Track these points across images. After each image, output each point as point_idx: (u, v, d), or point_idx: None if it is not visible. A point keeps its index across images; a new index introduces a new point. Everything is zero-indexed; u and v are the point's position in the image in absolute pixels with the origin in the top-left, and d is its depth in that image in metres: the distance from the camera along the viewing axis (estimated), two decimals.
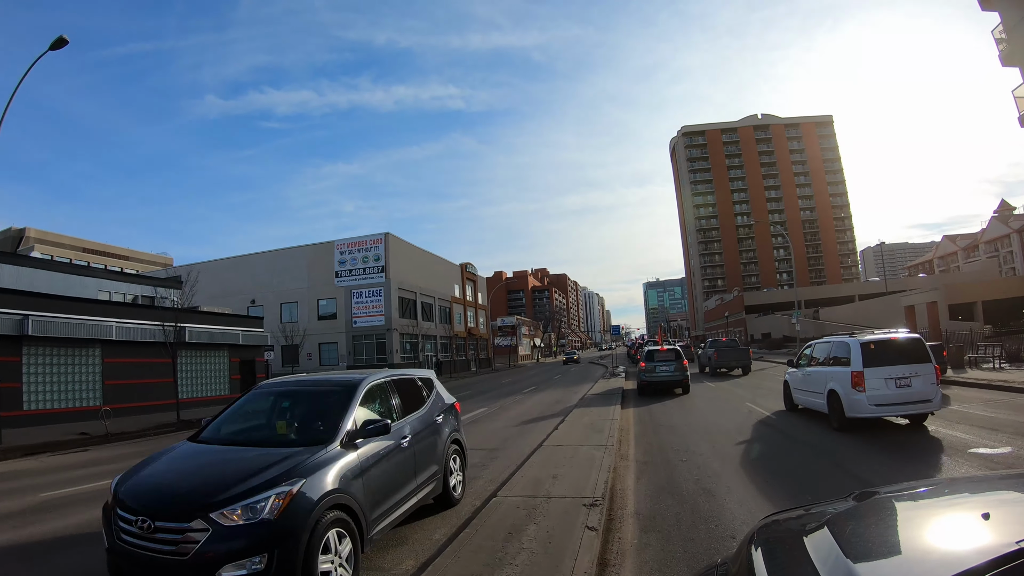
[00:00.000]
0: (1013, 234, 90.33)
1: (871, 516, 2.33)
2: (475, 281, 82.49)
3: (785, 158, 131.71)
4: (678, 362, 23.68)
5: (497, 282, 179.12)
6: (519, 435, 14.86)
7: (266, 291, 61.44)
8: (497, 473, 10.33)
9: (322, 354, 59.70)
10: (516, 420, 18.14)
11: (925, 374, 11.91)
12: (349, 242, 60.00)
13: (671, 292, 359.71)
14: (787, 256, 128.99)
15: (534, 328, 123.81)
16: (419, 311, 62.79)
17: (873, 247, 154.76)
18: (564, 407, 21.02)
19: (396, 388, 7.50)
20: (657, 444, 12.35)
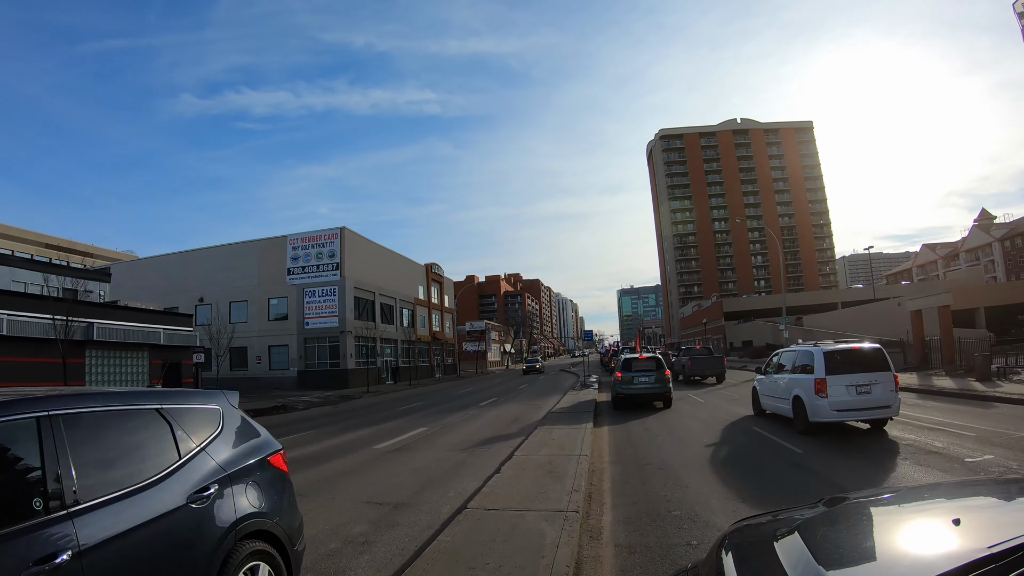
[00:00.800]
0: (995, 243, 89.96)
1: (842, 522, 2.33)
2: (441, 283, 77.96)
3: (764, 164, 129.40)
4: (659, 372, 20.56)
5: (469, 286, 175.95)
6: (448, 476, 10.56)
7: (215, 289, 56.59)
8: (379, 564, 6.05)
9: (272, 357, 55.06)
10: (455, 447, 13.87)
11: (884, 382, 12.59)
12: (303, 237, 55.37)
13: (645, 300, 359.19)
14: (765, 263, 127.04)
15: (505, 333, 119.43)
16: (378, 312, 58.23)
17: (848, 256, 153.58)
18: (522, 427, 16.95)
19: (74, 434, 3.34)
20: (647, 504, 7.97)
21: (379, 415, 24.34)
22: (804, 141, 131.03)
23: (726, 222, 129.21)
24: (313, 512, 8.08)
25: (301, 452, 14.28)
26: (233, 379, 54.01)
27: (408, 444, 14.75)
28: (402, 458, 12.56)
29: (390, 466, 11.68)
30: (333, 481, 10.51)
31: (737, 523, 2.59)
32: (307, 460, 12.93)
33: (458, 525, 6.70)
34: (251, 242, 58.39)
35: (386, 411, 26.21)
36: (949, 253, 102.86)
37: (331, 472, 11.39)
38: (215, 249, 59.54)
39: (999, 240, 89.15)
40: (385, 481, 10.18)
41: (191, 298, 56.37)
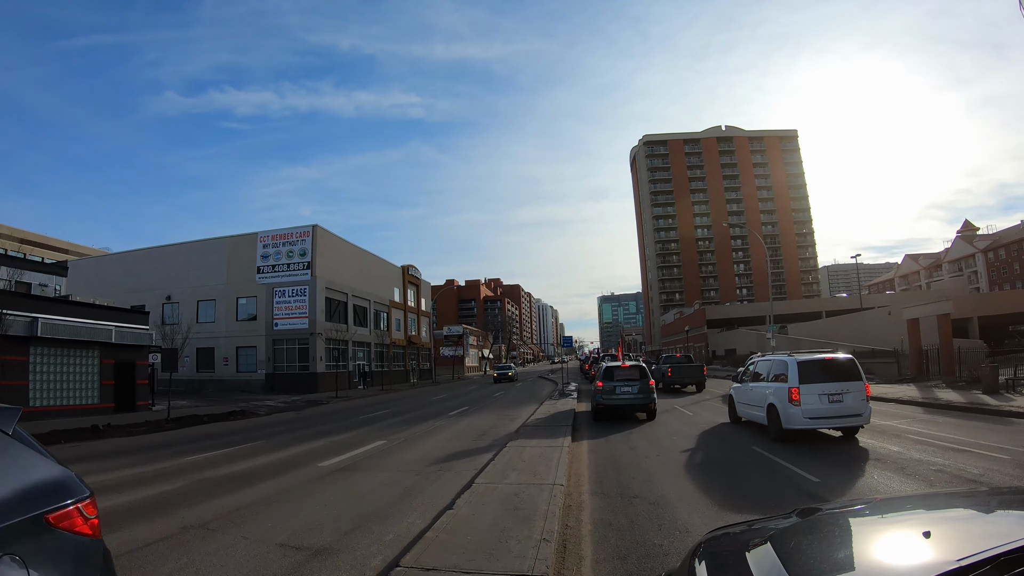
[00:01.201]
0: (978, 254, 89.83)
1: (813, 533, 2.33)
2: (418, 285, 75.75)
3: (748, 171, 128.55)
4: (643, 382, 19.10)
5: (448, 290, 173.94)
6: (391, 509, 8.63)
7: (183, 287, 54.40)
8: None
9: (240, 359, 52.71)
10: (410, 467, 11.93)
11: (856, 391, 12.89)
12: (274, 234, 53.11)
13: (625, 307, 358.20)
14: (747, 271, 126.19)
15: (483, 338, 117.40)
16: (350, 314, 56.04)
17: (828, 266, 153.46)
18: (492, 441, 15.11)
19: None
20: (639, 560, 6.03)
21: (340, 424, 22.42)
22: (789, 150, 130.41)
23: (709, 229, 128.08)
24: (208, 558, 6.37)
25: (234, 469, 12.41)
26: (200, 381, 51.83)
27: (358, 462, 12.82)
28: (345, 480, 10.63)
29: (327, 492, 9.74)
30: (253, 511, 8.58)
31: (711, 533, 2.58)
32: (235, 480, 11.03)
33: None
34: (220, 239, 56.06)
35: (349, 419, 24.29)
36: (932, 264, 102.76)
37: (256, 498, 9.45)
38: (184, 246, 57.20)
39: (983, 251, 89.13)
40: (314, 514, 8.24)
41: (158, 296, 54.28)
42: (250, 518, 8.17)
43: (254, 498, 9.43)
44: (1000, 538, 1.72)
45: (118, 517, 7.97)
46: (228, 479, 11.20)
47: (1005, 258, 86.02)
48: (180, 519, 8.12)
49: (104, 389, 31.59)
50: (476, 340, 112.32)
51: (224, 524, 7.82)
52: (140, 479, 11.43)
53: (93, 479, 8.71)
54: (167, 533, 7.38)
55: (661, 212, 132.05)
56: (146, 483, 10.94)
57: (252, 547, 6.76)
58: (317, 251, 51.18)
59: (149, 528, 7.62)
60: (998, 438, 12.59)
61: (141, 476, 11.83)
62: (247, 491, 9.96)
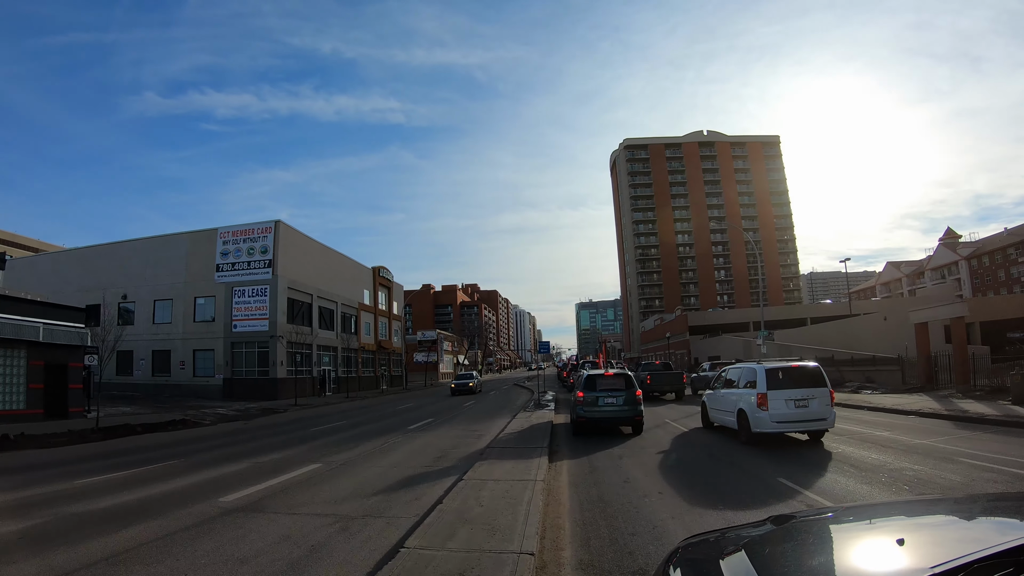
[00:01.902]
0: (962, 261, 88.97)
1: (788, 541, 2.33)
2: (390, 288, 72.54)
3: (730, 177, 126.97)
4: (628, 392, 17.09)
5: (424, 295, 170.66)
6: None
7: (140, 285, 51.06)
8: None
9: (197, 363, 49.34)
10: (331, 509, 9.00)
11: (821, 397, 13.43)
12: (234, 230, 49.87)
13: (603, 314, 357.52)
14: (728, 278, 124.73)
15: (458, 344, 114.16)
16: (315, 316, 52.83)
17: (805, 275, 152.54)
18: (450, 465, 12.38)
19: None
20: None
21: (282, 438, 19.53)
22: (771, 156, 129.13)
23: (690, 235, 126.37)
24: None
25: (117, 501, 9.77)
26: (155, 385, 48.42)
27: (272, 495, 9.90)
28: (235, 531, 7.68)
29: (198, 550, 6.82)
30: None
31: (685, 540, 2.57)
32: (103, 520, 8.39)
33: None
34: (179, 235, 52.86)
35: (297, 432, 21.37)
36: (914, 271, 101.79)
37: (98, 554, 6.62)
38: (142, 242, 53.86)
39: (966, 258, 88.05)
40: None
41: (114, 295, 50.62)
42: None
43: (96, 555, 6.58)
44: (974, 544, 1.72)
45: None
46: (98, 518, 8.61)
47: (989, 265, 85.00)
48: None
49: (32, 393, 28.51)
50: (451, 346, 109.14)
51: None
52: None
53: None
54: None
55: (641, 217, 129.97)
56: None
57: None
58: (279, 248, 48.01)
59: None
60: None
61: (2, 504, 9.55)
62: (97, 542, 7.18)
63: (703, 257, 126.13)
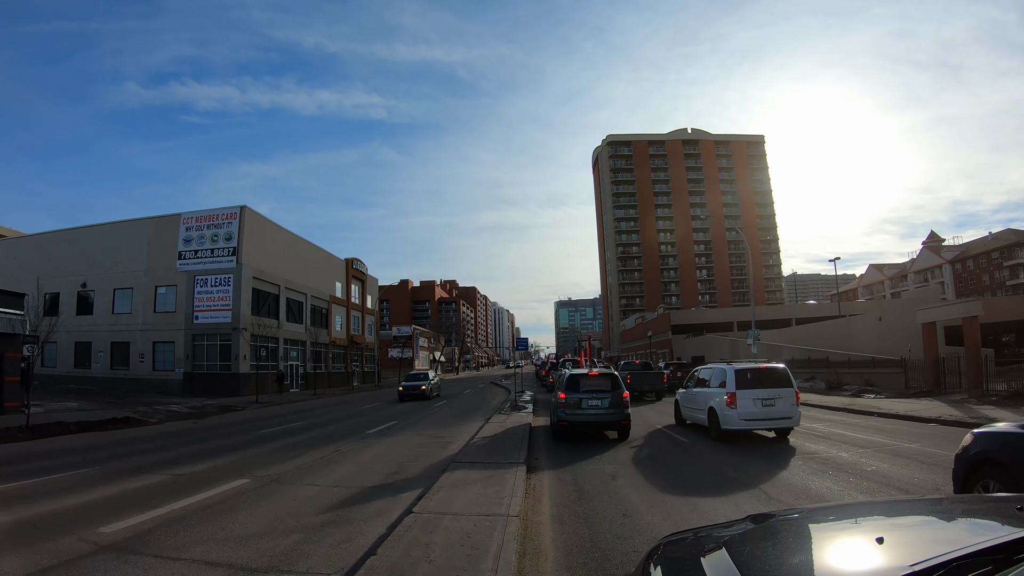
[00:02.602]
0: (945, 264, 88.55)
1: (768, 539, 2.33)
2: (364, 281, 69.80)
3: (714, 176, 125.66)
4: (614, 394, 15.68)
5: (402, 290, 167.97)
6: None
7: (100, 273, 48.12)
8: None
9: (157, 356, 46.41)
10: (229, 557, 6.66)
11: (787, 396, 14.28)
12: (198, 215, 46.99)
13: (583, 312, 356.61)
14: (710, 277, 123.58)
15: (435, 340, 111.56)
16: (283, 309, 50.12)
17: (785, 276, 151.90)
18: (403, 485, 10.11)
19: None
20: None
21: (223, 442, 17.24)
22: (755, 155, 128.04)
23: (672, 233, 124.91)
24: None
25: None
26: (114, 379, 45.55)
27: (164, 527, 7.59)
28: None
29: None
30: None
31: (666, 538, 2.57)
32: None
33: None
34: (141, 220, 49.81)
35: (242, 435, 19.04)
36: (897, 274, 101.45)
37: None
38: (103, 227, 50.77)
39: (950, 262, 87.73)
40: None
41: (73, 283, 48.66)
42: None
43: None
44: (952, 544, 1.73)
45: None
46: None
47: (973, 269, 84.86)
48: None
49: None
50: (427, 342, 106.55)
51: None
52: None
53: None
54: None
55: (623, 215, 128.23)
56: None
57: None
58: (245, 235, 45.26)
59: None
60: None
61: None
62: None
63: (685, 256, 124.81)
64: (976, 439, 6.47)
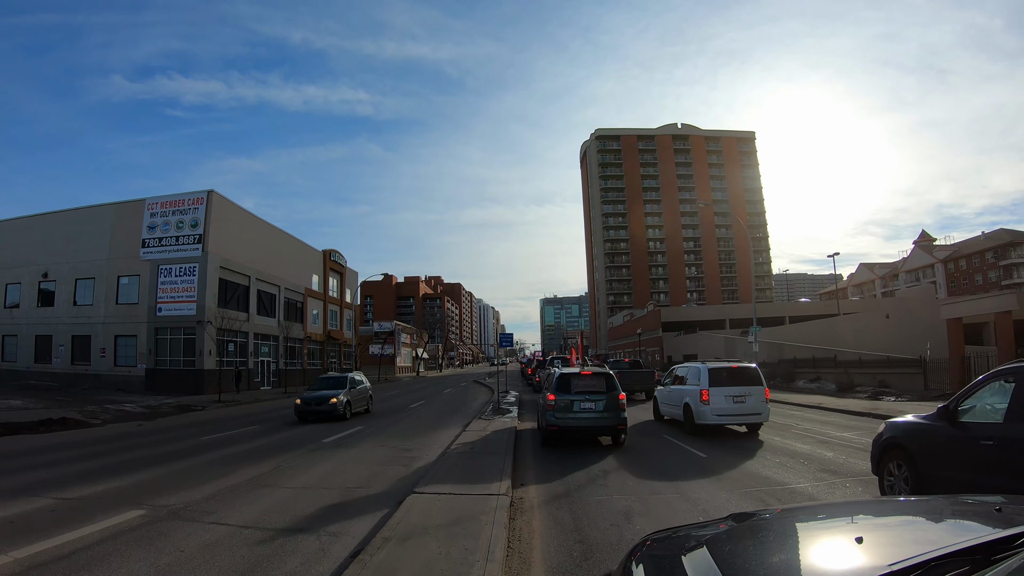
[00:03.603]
0: (938, 264, 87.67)
1: (749, 538, 2.31)
2: (342, 274, 66.83)
3: (703, 171, 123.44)
4: (610, 396, 14.34)
5: (385, 286, 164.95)
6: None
7: (61, 262, 45.19)
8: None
9: (118, 350, 43.45)
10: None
11: (757, 394, 15.15)
12: (163, 200, 44.01)
13: (568, 310, 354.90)
14: (699, 275, 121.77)
15: (418, 336, 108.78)
16: (253, 301, 47.23)
17: (777, 274, 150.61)
18: (350, 522, 7.58)
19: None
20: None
21: (156, 451, 14.88)
22: (745, 151, 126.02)
23: (661, 230, 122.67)
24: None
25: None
26: (75, 375, 42.53)
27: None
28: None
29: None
30: None
31: (648, 536, 2.57)
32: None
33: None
34: (104, 206, 46.92)
35: (179, 442, 16.55)
36: (888, 273, 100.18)
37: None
38: (65, 214, 47.60)
39: (942, 261, 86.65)
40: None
41: (34, 273, 45.93)
42: None
43: None
44: (930, 544, 1.74)
45: None
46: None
47: (966, 268, 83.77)
48: None
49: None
50: (410, 338, 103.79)
51: None
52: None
53: None
54: None
55: (611, 210, 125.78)
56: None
57: None
58: (211, 222, 42.35)
59: None
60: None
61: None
62: None
63: (674, 253, 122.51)
64: (887, 427, 7.98)
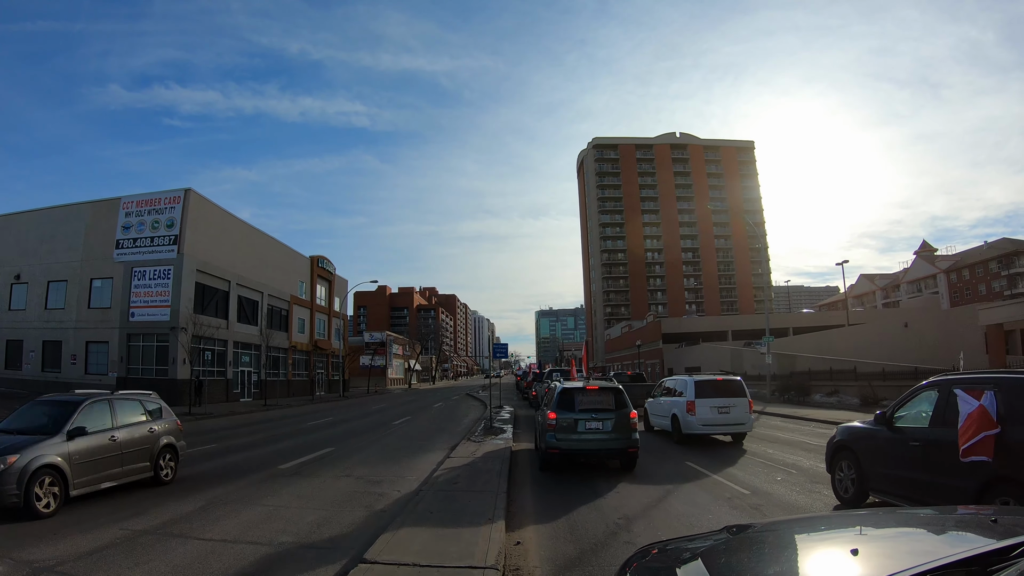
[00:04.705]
0: (940, 274, 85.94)
1: (744, 550, 2.30)
2: (331, 281, 64.16)
3: (702, 182, 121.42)
4: (620, 414, 12.49)
5: (380, 296, 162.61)
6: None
7: (34, 264, 42.84)
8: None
9: (90, 357, 41.05)
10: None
11: (741, 405, 15.93)
12: (139, 199, 41.61)
13: (564, 322, 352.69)
14: (698, 286, 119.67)
15: (411, 348, 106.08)
16: (233, 307, 44.63)
17: (777, 285, 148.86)
18: (301, 557, 4.89)
19: None
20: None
21: None
22: (745, 161, 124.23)
23: (659, 240, 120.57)
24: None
25: None
26: (44, 383, 39.67)
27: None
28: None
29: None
30: None
31: (643, 548, 2.57)
32: None
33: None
34: (79, 205, 44.58)
35: None
36: (889, 284, 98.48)
37: None
38: (40, 213, 45.17)
39: (944, 271, 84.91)
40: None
41: (6, 275, 43.57)
42: None
43: None
44: (925, 555, 1.73)
45: None
46: None
47: (969, 278, 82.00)
48: None
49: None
50: (402, 349, 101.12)
51: None
52: None
53: None
54: None
55: (609, 220, 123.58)
56: None
57: None
58: (188, 222, 39.86)
59: None
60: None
61: None
62: None
63: (673, 263, 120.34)
64: (838, 432, 9.48)
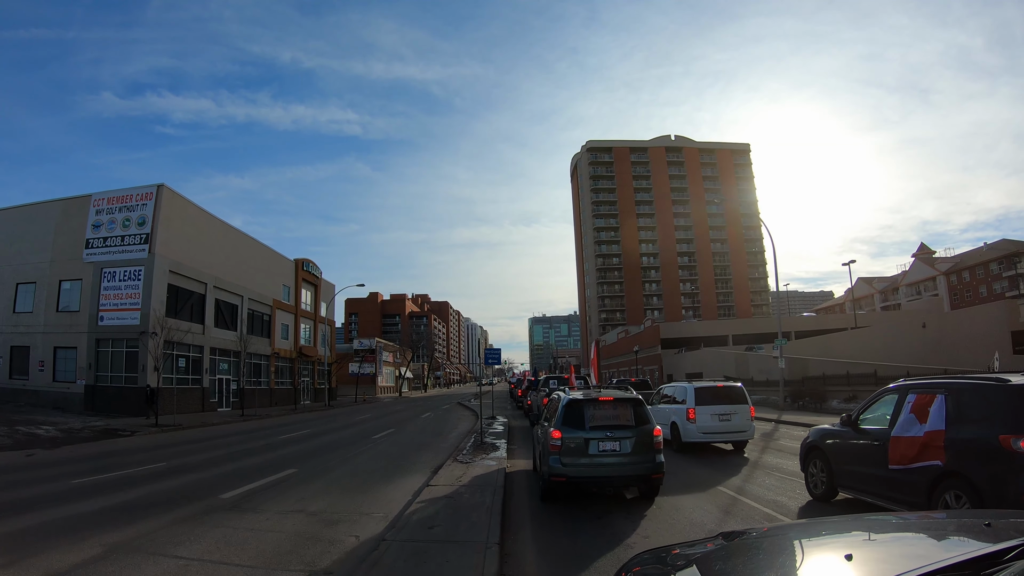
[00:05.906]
0: (940, 276, 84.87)
1: (738, 556, 2.29)
2: (316, 285, 61.62)
3: (698, 185, 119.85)
4: (641, 431, 9.75)
5: (371, 303, 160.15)
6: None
7: (2, 265, 40.48)
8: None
9: (58, 363, 38.41)
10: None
11: (742, 412, 15.46)
12: (111, 196, 39.20)
13: (557, 329, 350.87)
14: (694, 290, 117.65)
15: (402, 355, 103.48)
16: (210, 311, 42.11)
17: (775, 290, 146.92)
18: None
19: None
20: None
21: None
22: (740, 164, 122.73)
23: (654, 244, 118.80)
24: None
25: None
26: (12, 390, 37.06)
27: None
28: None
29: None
30: None
31: (638, 555, 2.56)
32: None
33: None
34: (49, 203, 42.22)
35: (48, 484, 12.06)
36: (887, 287, 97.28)
37: None
38: (6, 212, 42.80)
39: (944, 274, 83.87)
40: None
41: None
42: None
43: None
44: (919, 560, 1.73)
45: None
46: None
47: (969, 280, 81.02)
48: None
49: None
50: (392, 356, 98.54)
51: None
52: None
53: None
54: None
55: (603, 224, 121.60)
56: None
57: None
58: (161, 220, 37.44)
59: None
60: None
61: None
62: None
63: (668, 268, 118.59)
64: (810, 433, 9.87)
